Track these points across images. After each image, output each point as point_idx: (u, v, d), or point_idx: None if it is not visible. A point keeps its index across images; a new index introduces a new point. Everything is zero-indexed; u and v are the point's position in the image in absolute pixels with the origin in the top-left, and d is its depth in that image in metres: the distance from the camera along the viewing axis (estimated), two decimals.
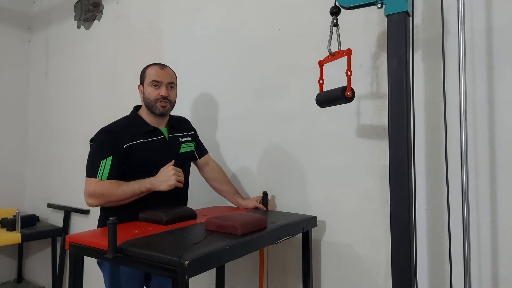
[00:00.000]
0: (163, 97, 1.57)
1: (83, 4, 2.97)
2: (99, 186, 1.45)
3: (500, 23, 1.29)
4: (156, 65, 1.62)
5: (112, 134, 1.53)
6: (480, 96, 1.32)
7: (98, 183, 1.45)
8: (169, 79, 1.61)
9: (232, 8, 2.05)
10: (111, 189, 1.44)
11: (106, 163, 1.47)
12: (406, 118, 1.05)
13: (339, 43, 1.28)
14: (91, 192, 1.46)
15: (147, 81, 1.60)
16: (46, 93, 3.30)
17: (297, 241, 1.70)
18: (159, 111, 1.59)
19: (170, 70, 1.65)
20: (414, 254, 1.09)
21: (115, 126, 1.59)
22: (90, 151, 1.54)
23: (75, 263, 1.26)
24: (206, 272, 1.08)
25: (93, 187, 1.45)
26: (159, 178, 1.47)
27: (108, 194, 1.44)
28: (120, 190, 1.44)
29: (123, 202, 1.47)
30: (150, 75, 1.59)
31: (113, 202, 1.46)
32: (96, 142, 1.54)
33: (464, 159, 1.17)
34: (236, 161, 2.02)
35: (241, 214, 1.36)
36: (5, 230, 2.85)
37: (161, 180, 1.46)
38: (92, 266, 1.49)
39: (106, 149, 1.50)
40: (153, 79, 1.58)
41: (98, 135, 1.55)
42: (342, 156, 1.64)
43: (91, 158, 1.52)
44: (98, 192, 1.44)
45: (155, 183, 1.47)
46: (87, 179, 1.48)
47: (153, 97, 1.57)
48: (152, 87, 1.58)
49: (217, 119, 2.09)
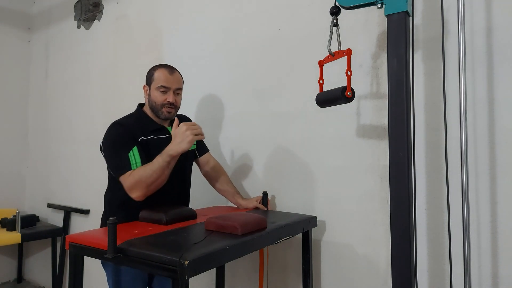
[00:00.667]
0: (169, 103, 1.56)
1: (83, 4, 2.97)
2: (132, 177, 1.42)
3: (500, 23, 1.29)
4: (165, 69, 1.58)
5: (127, 127, 1.52)
6: (480, 96, 1.32)
7: (130, 175, 1.43)
8: (177, 85, 1.59)
9: (232, 8, 2.05)
10: (141, 174, 1.41)
11: (134, 154, 1.46)
12: (406, 118, 1.05)
13: (339, 43, 1.28)
14: (130, 186, 1.43)
15: (154, 85, 1.56)
16: (46, 93, 3.30)
17: (297, 241, 1.70)
18: (164, 117, 1.58)
19: (178, 75, 1.62)
20: (414, 254, 1.09)
21: (126, 121, 1.57)
22: (110, 149, 1.50)
23: (75, 263, 1.25)
24: (206, 272, 1.08)
25: (129, 181, 1.42)
26: (176, 141, 1.41)
27: (141, 179, 1.41)
28: (148, 170, 1.41)
29: (161, 180, 1.44)
30: (159, 79, 1.56)
31: (153, 184, 1.43)
32: (113, 137, 1.51)
33: (464, 159, 1.17)
34: (236, 161, 2.02)
35: (241, 214, 1.36)
36: (5, 230, 2.84)
37: (178, 142, 1.40)
38: (92, 266, 1.49)
39: (128, 141, 1.48)
40: (161, 84, 1.55)
41: (112, 129, 1.53)
42: (342, 156, 1.64)
43: (115, 155, 1.47)
44: (133, 182, 1.41)
45: (175, 147, 1.41)
46: (122, 177, 1.45)
47: (159, 102, 1.56)
48: (159, 92, 1.55)
49: (217, 119, 2.09)
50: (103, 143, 1.54)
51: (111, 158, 1.49)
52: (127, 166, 1.44)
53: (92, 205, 2.81)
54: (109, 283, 1.53)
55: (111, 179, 1.59)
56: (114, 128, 1.53)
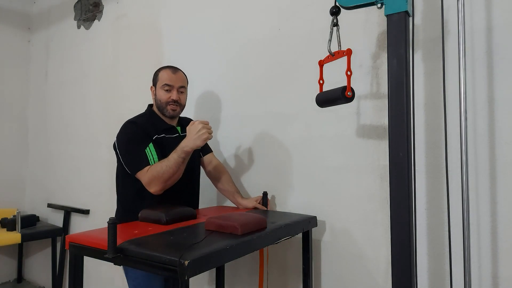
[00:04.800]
0: (173, 101, 1.63)
1: (83, 4, 2.97)
2: (149, 173, 1.48)
3: (500, 23, 1.29)
4: (168, 69, 1.67)
5: (140, 125, 1.58)
6: (480, 96, 1.32)
7: (148, 171, 1.48)
8: (180, 83, 1.66)
9: (232, 8, 2.05)
10: (158, 170, 1.47)
11: (151, 150, 1.52)
12: (406, 118, 1.05)
13: (339, 43, 1.28)
14: (148, 181, 1.49)
15: (159, 84, 1.65)
16: (46, 93, 3.30)
17: (297, 241, 1.70)
18: (169, 114, 1.65)
19: (181, 74, 1.70)
20: (414, 254, 1.09)
21: (139, 119, 1.63)
22: (126, 146, 1.56)
23: (75, 263, 1.26)
24: (206, 272, 1.08)
25: (147, 176, 1.48)
26: (190, 137, 1.47)
27: (159, 175, 1.47)
28: (165, 166, 1.47)
29: (177, 175, 1.51)
30: (163, 78, 1.64)
31: (170, 179, 1.49)
32: (128, 135, 1.57)
33: (464, 159, 1.17)
34: (236, 161, 2.02)
35: (241, 214, 1.36)
36: (5, 230, 2.85)
37: (193, 138, 1.46)
38: (92, 266, 1.49)
39: (143, 138, 1.54)
40: (165, 82, 1.63)
41: (128, 127, 1.59)
42: (342, 156, 1.64)
43: (132, 151, 1.53)
44: (151, 178, 1.48)
45: (190, 143, 1.46)
46: (139, 173, 1.50)
47: (164, 100, 1.63)
48: (163, 90, 1.63)
49: (217, 119, 2.09)
50: (117, 141, 1.59)
51: (128, 155, 1.55)
52: (144, 162, 1.50)
53: (92, 205, 2.81)
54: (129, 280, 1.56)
55: (123, 176, 1.63)
56: (129, 126, 1.59)
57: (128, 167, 1.55)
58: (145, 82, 2.43)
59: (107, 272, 2.59)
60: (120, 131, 1.61)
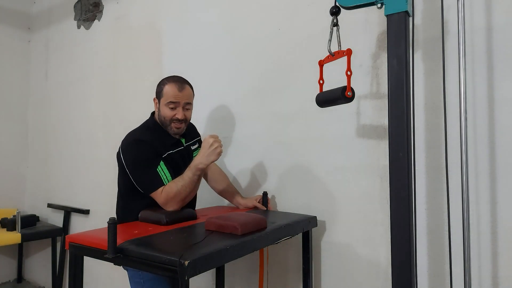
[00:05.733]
0: (178, 120, 1.55)
1: (83, 4, 2.97)
2: (165, 193, 1.45)
3: (500, 23, 1.29)
4: (174, 84, 1.54)
5: (149, 143, 1.50)
6: (480, 96, 1.32)
7: (163, 191, 1.45)
8: (186, 100, 1.56)
9: (232, 8, 2.05)
10: (174, 190, 1.45)
11: (163, 169, 1.49)
12: (406, 118, 1.05)
13: (339, 43, 1.28)
14: (164, 201, 1.46)
15: (164, 100, 1.54)
16: (46, 93, 3.30)
17: (297, 241, 1.70)
18: (173, 132, 1.58)
19: (188, 89, 1.58)
20: (414, 254, 1.09)
21: (145, 136, 1.53)
22: (137, 167, 1.49)
23: (75, 263, 1.26)
24: (206, 272, 1.08)
25: (163, 197, 1.45)
26: (203, 153, 1.45)
27: (175, 195, 1.45)
28: (180, 186, 1.45)
29: (194, 192, 1.52)
30: (168, 95, 1.53)
31: (187, 197, 1.49)
32: (138, 155, 1.49)
33: (464, 159, 1.17)
34: (236, 161, 2.02)
35: (241, 214, 1.36)
36: (5, 230, 2.85)
37: (206, 154, 1.45)
38: (92, 266, 1.49)
39: (154, 158, 1.49)
40: (170, 100, 1.53)
41: (135, 147, 1.50)
42: (342, 156, 1.64)
43: (144, 172, 1.48)
44: (168, 198, 1.45)
45: (203, 159, 1.45)
46: (154, 194, 1.47)
47: (168, 117, 1.55)
48: (168, 108, 1.54)
49: (217, 119, 2.09)
50: (125, 159, 1.51)
51: (140, 176, 1.49)
52: (159, 183, 1.46)
53: (92, 205, 2.81)
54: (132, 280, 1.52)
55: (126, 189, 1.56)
56: (137, 145, 1.50)
57: (141, 187, 1.49)
58: (145, 82, 2.44)
59: (107, 272, 2.59)
60: (127, 148, 1.51)
